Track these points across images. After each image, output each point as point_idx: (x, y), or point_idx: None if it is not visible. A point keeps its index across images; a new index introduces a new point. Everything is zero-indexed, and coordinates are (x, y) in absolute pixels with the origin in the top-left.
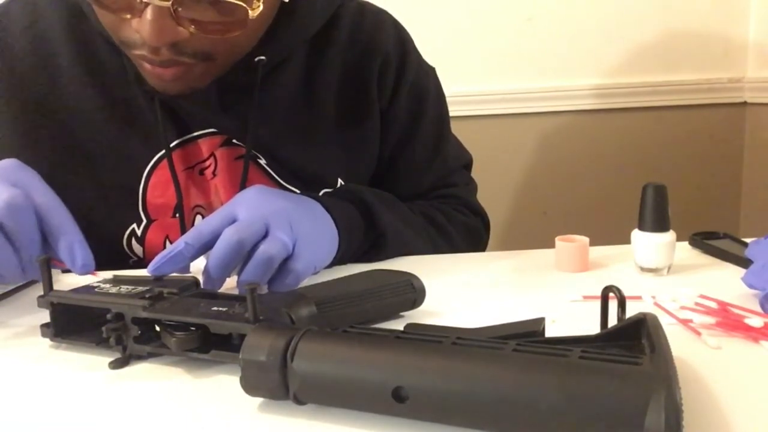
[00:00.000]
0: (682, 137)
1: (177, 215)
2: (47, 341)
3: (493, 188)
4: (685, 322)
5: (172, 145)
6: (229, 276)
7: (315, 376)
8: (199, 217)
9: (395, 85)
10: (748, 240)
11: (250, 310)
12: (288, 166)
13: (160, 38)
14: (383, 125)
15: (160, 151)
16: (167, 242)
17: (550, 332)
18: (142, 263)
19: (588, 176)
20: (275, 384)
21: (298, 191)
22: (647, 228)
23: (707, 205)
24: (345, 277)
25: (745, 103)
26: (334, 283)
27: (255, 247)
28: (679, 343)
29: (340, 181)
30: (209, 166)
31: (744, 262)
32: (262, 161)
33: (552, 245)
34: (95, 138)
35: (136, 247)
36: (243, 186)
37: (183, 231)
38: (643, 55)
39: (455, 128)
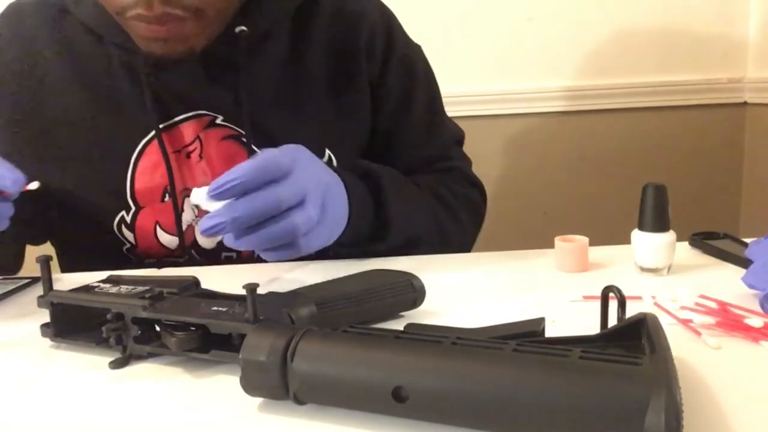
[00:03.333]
0: (682, 137)
1: (168, 197)
2: (47, 341)
3: (493, 188)
4: (685, 322)
5: (156, 130)
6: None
7: (315, 376)
8: (188, 200)
9: (384, 56)
10: (748, 240)
11: (250, 310)
12: (274, 141)
13: None
14: (375, 97)
15: (146, 136)
16: (158, 227)
17: (550, 332)
18: (135, 250)
19: (588, 176)
20: (275, 384)
21: None
22: (647, 228)
23: (707, 205)
24: (345, 277)
25: (745, 104)
26: (334, 283)
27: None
28: (679, 343)
29: (327, 152)
30: (195, 149)
31: (744, 262)
32: (252, 140)
33: (552, 245)
34: (82, 132)
35: (127, 234)
36: None
37: (176, 213)
38: (643, 56)
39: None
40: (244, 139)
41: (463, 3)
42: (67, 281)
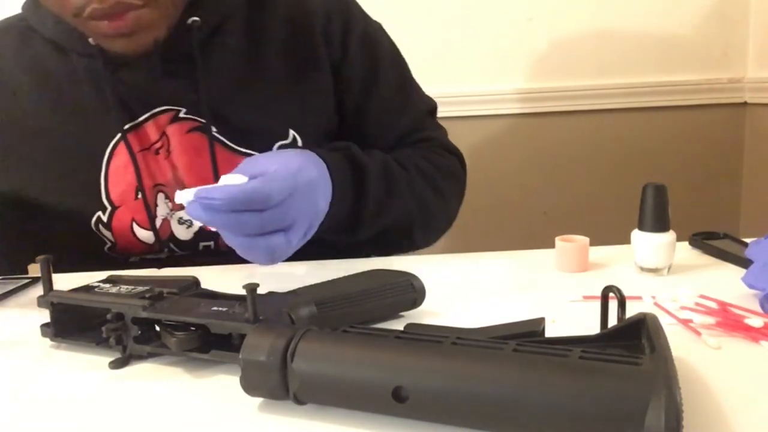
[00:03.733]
0: (683, 137)
1: (139, 196)
2: (47, 341)
3: (493, 188)
4: (685, 322)
5: (123, 130)
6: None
7: (315, 376)
8: (161, 195)
9: (343, 37)
10: (748, 240)
11: (250, 310)
12: (238, 129)
13: None
14: (340, 76)
15: (114, 139)
16: (134, 224)
17: (550, 332)
18: (115, 248)
19: (588, 176)
20: (275, 384)
21: (254, 153)
22: (647, 228)
23: (707, 205)
24: (345, 277)
25: (745, 104)
26: (334, 283)
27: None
28: (679, 343)
29: (292, 132)
30: (162, 145)
31: (744, 262)
32: (213, 129)
33: (552, 245)
34: (54, 142)
35: (106, 233)
36: (213, 156)
37: (148, 211)
38: (643, 56)
39: (455, 128)
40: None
41: (463, 3)
42: (67, 281)
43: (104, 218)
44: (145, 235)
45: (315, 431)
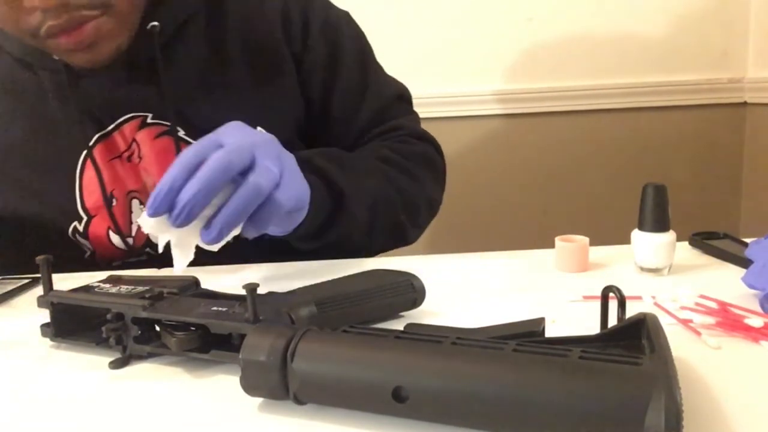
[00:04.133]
0: (683, 137)
1: (115, 202)
2: (47, 341)
3: (493, 188)
4: (685, 322)
5: (92, 142)
6: (208, 203)
7: (315, 376)
8: (135, 201)
9: (303, 28)
10: (748, 240)
11: (250, 309)
12: (205, 130)
13: None
14: (303, 70)
15: (84, 150)
16: (110, 233)
17: (550, 332)
18: (94, 256)
19: (588, 176)
20: (275, 384)
21: None
22: (647, 228)
23: (707, 205)
24: (345, 277)
25: (745, 104)
26: (334, 283)
27: (242, 175)
28: (679, 343)
29: (259, 129)
30: (133, 152)
31: (744, 262)
32: (181, 132)
33: (552, 245)
34: (28, 159)
35: (83, 242)
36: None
37: (113, 220)
38: (643, 56)
39: (455, 128)
40: (179, 133)
41: (463, 3)
42: (67, 281)
43: (80, 228)
44: (120, 240)
45: (315, 431)
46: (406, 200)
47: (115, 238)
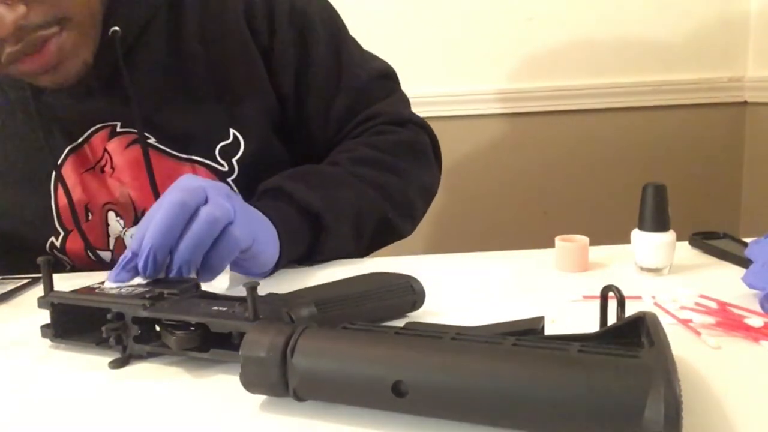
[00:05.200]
0: (683, 137)
1: (90, 216)
2: (47, 342)
3: (493, 188)
4: (685, 322)
5: (63, 155)
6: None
7: (315, 372)
8: (111, 213)
9: (269, 18)
10: (747, 240)
11: (251, 308)
12: (176, 136)
13: (3, 25)
14: (272, 60)
15: (56, 163)
16: (87, 250)
17: (549, 332)
18: (76, 269)
19: (588, 176)
20: (275, 380)
21: (197, 158)
22: (647, 228)
23: (707, 204)
24: (345, 279)
25: (745, 103)
26: (334, 285)
27: (197, 212)
28: (679, 343)
29: (232, 131)
30: (106, 163)
31: (744, 262)
32: (152, 140)
33: (552, 245)
34: (6, 179)
35: (62, 257)
36: (148, 167)
37: (84, 239)
38: (642, 55)
39: (455, 127)
40: (150, 141)
41: (463, 3)
42: (67, 282)
43: (57, 243)
44: (101, 255)
45: (315, 429)
46: (392, 197)
47: (92, 254)
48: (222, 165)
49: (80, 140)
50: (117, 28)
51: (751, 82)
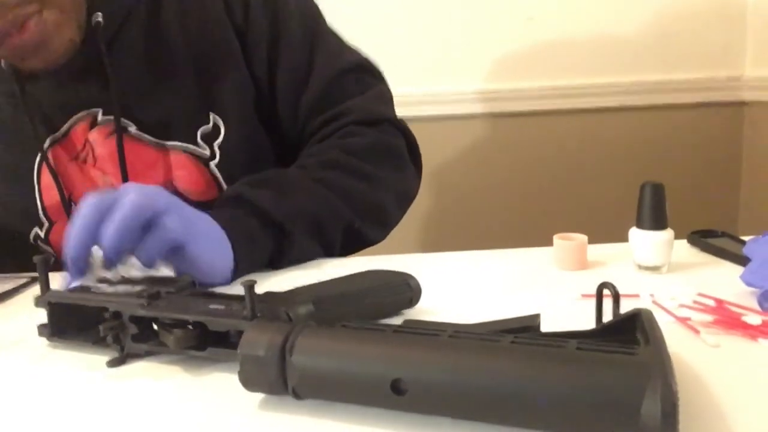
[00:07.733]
0: (681, 136)
1: (68, 215)
2: (45, 341)
3: (491, 187)
4: (684, 320)
5: (46, 144)
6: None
7: (313, 370)
8: None
9: (244, 3)
10: (746, 238)
11: (248, 306)
12: (156, 123)
13: None
14: (246, 43)
15: (39, 155)
16: None
17: (547, 330)
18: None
19: (587, 175)
20: (274, 379)
21: (177, 143)
22: (645, 226)
23: (706, 203)
24: (342, 277)
25: (743, 102)
26: (331, 283)
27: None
28: (678, 341)
29: (212, 116)
30: (88, 153)
31: (742, 260)
32: (133, 128)
33: (550, 243)
34: None
35: (46, 248)
36: (120, 154)
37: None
38: (641, 54)
39: (455, 127)
40: (130, 129)
41: (463, 3)
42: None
43: (41, 234)
44: None
45: (314, 428)
46: (359, 204)
47: None
48: (204, 149)
49: (63, 129)
50: (100, 15)
51: (750, 82)
